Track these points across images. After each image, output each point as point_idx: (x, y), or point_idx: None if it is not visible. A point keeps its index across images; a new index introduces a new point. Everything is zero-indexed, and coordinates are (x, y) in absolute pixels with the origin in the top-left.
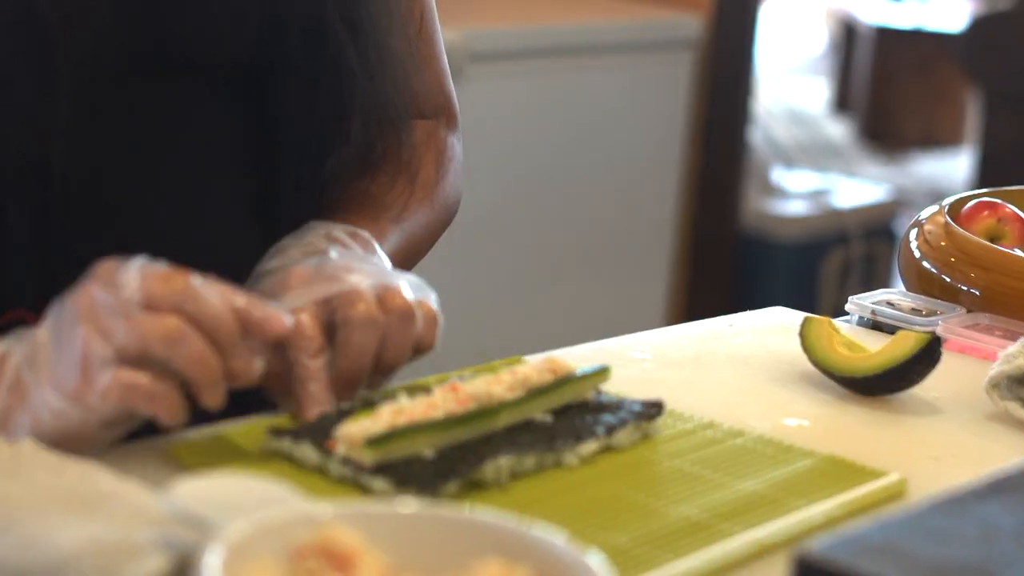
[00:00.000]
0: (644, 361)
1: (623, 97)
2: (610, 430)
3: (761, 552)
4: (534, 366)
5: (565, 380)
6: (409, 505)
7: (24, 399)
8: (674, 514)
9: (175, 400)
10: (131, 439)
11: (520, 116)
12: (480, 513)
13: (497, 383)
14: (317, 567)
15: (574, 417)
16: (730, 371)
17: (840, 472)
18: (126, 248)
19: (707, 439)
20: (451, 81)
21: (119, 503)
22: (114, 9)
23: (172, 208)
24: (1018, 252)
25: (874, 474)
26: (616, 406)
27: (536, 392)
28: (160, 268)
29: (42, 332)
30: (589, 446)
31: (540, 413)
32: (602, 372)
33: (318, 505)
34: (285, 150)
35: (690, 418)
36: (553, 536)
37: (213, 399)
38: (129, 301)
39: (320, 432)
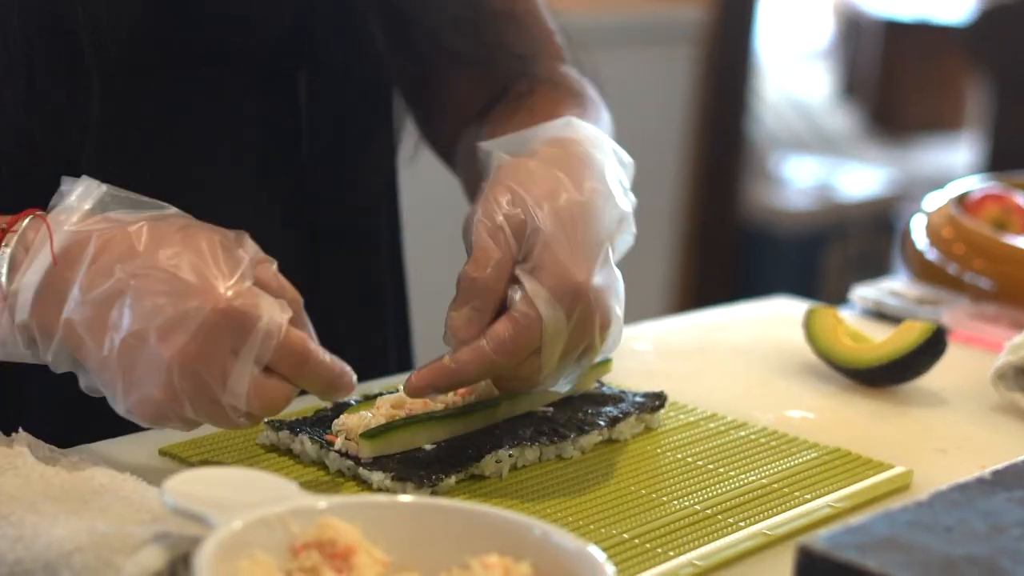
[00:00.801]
0: (646, 352)
1: (624, 89)
2: (612, 422)
3: (767, 545)
4: None
5: None
6: (407, 499)
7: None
8: (678, 507)
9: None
10: (125, 432)
11: None
12: (480, 507)
13: None
14: (315, 562)
15: (576, 409)
16: (733, 362)
17: (845, 464)
18: None
19: (710, 431)
20: (546, 18)
21: (114, 497)
22: (144, 2)
23: (204, 201)
24: (1023, 241)
25: (880, 466)
26: (618, 398)
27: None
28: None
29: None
30: (591, 438)
31: (541, 405)
32: (604, 364)
33: (315, 499)
34: (315, 138)
35: (693, 410)
36: (555, 531)
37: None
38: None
39: (319, 425)
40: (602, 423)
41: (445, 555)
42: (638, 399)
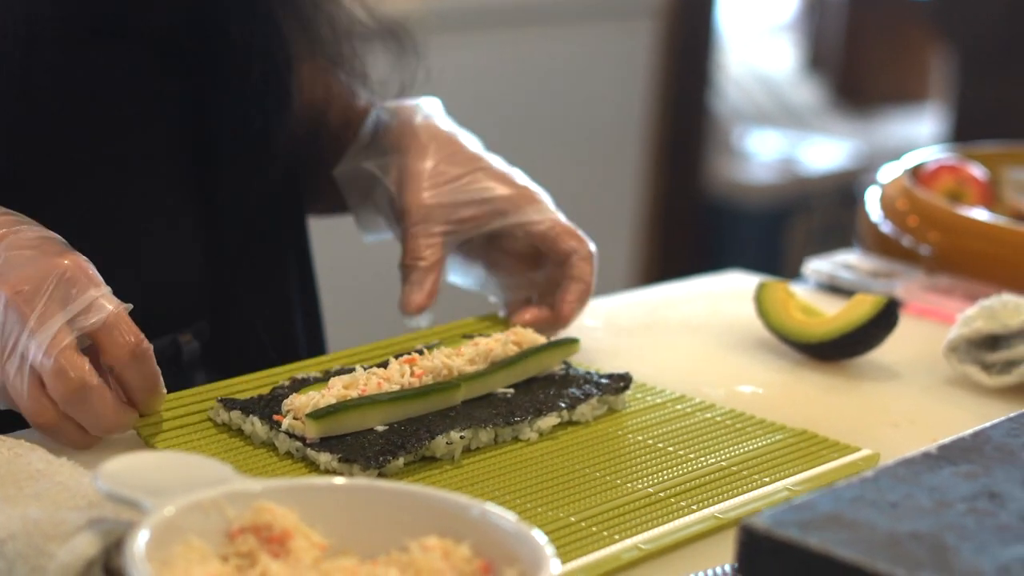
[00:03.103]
0: (595, 329)
1: (585, 64)
2: (572, 403)
3: (717, 529)
4: (498, 339)
5: (529, 352)
6: (344, 481)
7: None
8: (630, 490)
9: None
10: None
11: (482, 83)
12: (419, 489)
13: (457, 356)
14: (251, 547)
15: (537, 391)
16: (683, 338)
17: (810, 447)
18: (60, 220)
19: (676, 413)
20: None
21: (50, 482)
22: None
23: (106, 179)
24: (978, 213)
25: (846, 449)
26: (582, 379)
27: (499, 365)
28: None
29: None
30: (549, 420)
31: (502, 387)
32: (569, 344)
33: (250, 482)
34: (222, 118)
35: (660, 391)
36: (494, 512)
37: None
38: (30, 359)
39: (269, 406)
40: (562, 404)
41: (383, 538)
42: (602, 380)
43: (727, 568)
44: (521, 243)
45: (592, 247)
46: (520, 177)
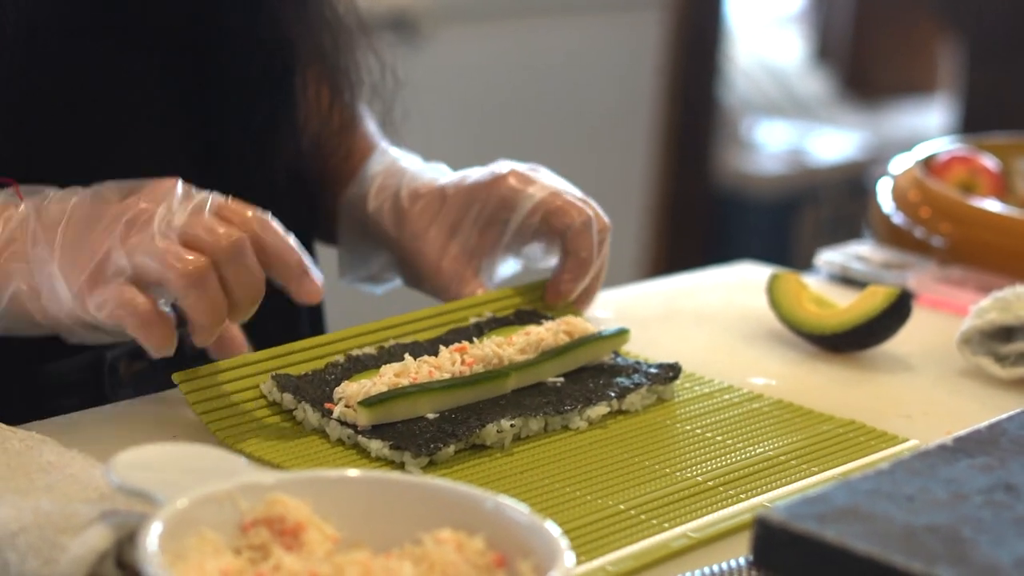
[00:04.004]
0: (608, 320)
1: (594, 56)
2: (622, 393)
3: None
4: (549, 328)
5: (579, 342)
6: (357, 473)
7: (26, 261)
8: (679, 479)
9: (167, 332)
10: (81, 407)
11: (490, 75)
12: (432, 481)
13: (508, 344)
14: (264, 539)
15: (586, 380)
16: (696, 329)
17: (857, 437)
18: None
19: (723, 403)
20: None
21: (61, 475)
22: None
23: (111, 175)
24: (990, 204)
25: (893, 440)
26: (632, 369)
27: (549, 354)
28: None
29: (72, 205)
30: (598, 409)
31: (552, 376)
32: (620, 335)
33: (263, 475)
34: (226, 115)
35: (708, 381)
36: (508, 505)
37: (205, 341)
38: (172, 226)
39: (321, 390)
40: (611, 394)
41: (397, 530)
42: (651, 370)
43: (741, 561)
44: (541, 227)
45: (592, 215)
46: (505, 165)
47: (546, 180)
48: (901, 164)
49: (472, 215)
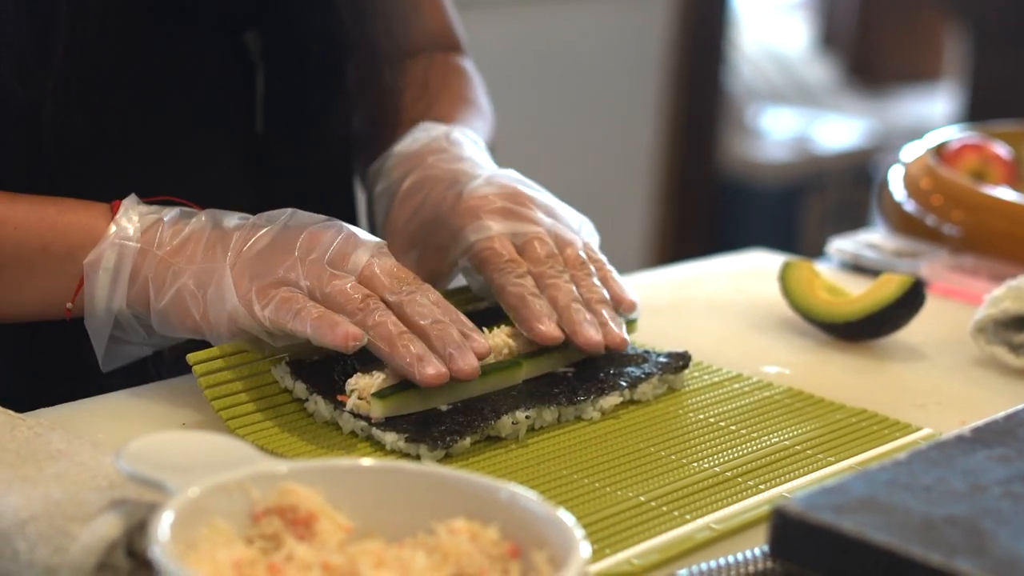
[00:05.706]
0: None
1: (599, 42)
2: (633, 383)
3: None
4: None
5: None
6: (370, 462)
7: (197, 263)
8: (696, 470)
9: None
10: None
11: (496, 62)
12: (446, 471)
13: (517, 335)
14: (276, 529)
15: (597, 370)
16: (707, 317)
17: (871, 426)
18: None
19: (734, 392)
20: (452, 15)
21: (70, 463)
22: None
23: (165, 157)
24: (1003, 192)
25: (907, 428)
26: (641, 358)
27: (558, 344)
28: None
29: (261, 233)
30: (611, 399)
31: (563, 366)
32: (628, 323)
33: (275, 464)
34: (279, 99)
35: (718, 370)
36: (523, 495)
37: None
38: (348, 276)
39: (334, 380)
40: (623, 384)
41: (410, 520)
42: (661, 359)
43: (757, 552)
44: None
45: (517, 262)
46: (497, 181)
47: (508, 216)
48: (912, 152)
49: (427, 239)
